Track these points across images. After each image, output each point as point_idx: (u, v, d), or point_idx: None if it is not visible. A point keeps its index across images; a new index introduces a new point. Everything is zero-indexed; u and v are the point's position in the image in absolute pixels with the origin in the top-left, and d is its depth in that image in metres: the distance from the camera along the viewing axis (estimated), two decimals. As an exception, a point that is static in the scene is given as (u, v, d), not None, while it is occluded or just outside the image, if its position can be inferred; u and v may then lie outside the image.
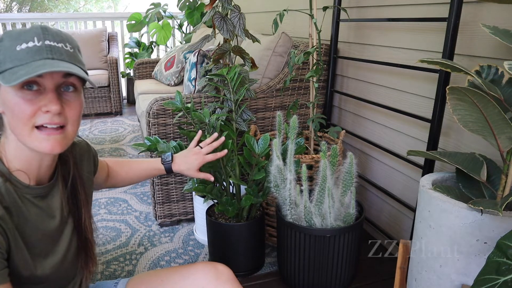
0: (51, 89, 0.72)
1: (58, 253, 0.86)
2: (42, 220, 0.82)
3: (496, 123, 0.90)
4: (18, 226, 0.77)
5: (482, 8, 1.24)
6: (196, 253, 1.76)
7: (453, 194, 1.04)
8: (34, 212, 0.80)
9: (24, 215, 0.78)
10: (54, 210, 0.85)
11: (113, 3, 12.75)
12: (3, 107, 0.74)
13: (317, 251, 1.38)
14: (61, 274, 0.88)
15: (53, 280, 0.86)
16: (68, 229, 0.89)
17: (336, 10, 1.87)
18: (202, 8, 3.85)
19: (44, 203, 0.83)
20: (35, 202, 0.81)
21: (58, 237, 0.86)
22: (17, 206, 0.77)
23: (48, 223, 0.83)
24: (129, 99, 4.78)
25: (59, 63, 0.72)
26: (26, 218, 0.78)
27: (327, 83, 2.04)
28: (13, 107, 0.71)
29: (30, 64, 0.69)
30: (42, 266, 0.82)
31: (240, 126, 1.63)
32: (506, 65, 0.81)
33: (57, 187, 0.86)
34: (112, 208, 2.17)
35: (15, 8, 11.67)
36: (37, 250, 0.81)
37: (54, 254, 0.85)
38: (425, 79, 1.49)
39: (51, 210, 0.84)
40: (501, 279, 0.75)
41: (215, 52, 1.60)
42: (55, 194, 0.86)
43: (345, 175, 1.36)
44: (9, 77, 0.68)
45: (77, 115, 0.77)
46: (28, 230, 0.79)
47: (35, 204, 0.81)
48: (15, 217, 0.76)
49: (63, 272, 0.89)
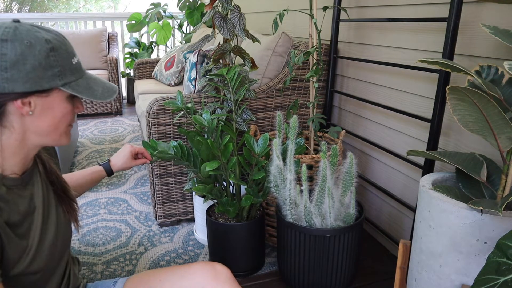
0: None
1: (50, 232, 0.88)
2: (29, 209, 0.84)
3: (496, 123, 0.90)
4: (8, 221, 0.78)
5: (482, 8, 1.24)
6: (196, 253, 1.76)
7: (453, 194, 1.04)
8: (21, 203, 0.82)
9: (13, 209, 0.80)
10: (36, 195, 0.87)
11: (113, 3, 12.75)
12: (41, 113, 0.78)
13: (317, 251, 1.38)
14: (54, 261, 0.90)
15: (47, 269, 0.87)
16: (52, 213, 0.90)
17: (336, 10, 1.87)
18: (202, 8, 3.85)
19: (27, 191, 0.85)
20: (20, 194, 0.83)
21: (46, 223, 0.88)
22: (5, 201, 0.78)
23: (34, 211, 0.85)
24: (129, 99, 4.78)
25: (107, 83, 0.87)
26: (15, 212, 0.80)
27: (327, 83, 2.04)
28: (65, 112, 0.81)
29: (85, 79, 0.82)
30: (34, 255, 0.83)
31: (240, 126, 1.63)
32: (506, 65, 0.81)
33: (36, 172, 0.89)
34: (112, 208, 2.17)
35: (15, 8, 11.67)
36: (27, 240, 0.82)
37: (44, 241, 0.86)
38: (425, 79, 1.49)
39: (34, 196, 0.86)
40: (501, 279, 0.74)
41: (215, 52, 1.60)
42: (35, 178, 0.88)
43: (345, 175, 1.36)
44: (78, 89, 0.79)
45: None
46: (18, 222, 0.80)
47: (21, 195, 0.83)
48: (5, 212, 0.77)
49: (57, 253, 0.91)
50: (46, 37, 0.75)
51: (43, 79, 0.74)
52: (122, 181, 2.53)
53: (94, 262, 1.69)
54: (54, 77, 0.76)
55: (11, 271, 0.78)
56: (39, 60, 0.74)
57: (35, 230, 0.84)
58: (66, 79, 0.78)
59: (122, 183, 2.49)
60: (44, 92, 0.76)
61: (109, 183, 2.50)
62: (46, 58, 0.74)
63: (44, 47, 0.74)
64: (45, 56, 0.74)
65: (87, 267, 1.66)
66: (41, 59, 0.74)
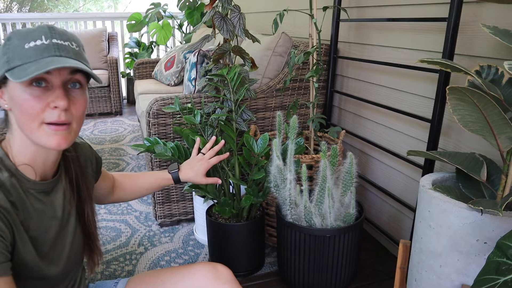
0: (58, 86, 0.74)
1: (62, 248, 0.87)
2: (46, 216, 0.83)
3: (496, 123, 0.90)
4: (23, 221, 0.77)
5: (482, 8, 1.24)
6: (196, 253, 1.76)
7: (453, 194, 1.04)
8: (38, 207, 0.81)
9: (29, 211, 0.79)
10: (57, 206, 0.86)
11: (113, 2, 12.75)
12: (11, 104, 0.76)
13: (317, 251, 1.38)
14: (66, 269, 0.89)
15: (58, 275, 0.87)
16: (71, 224, 0.90)
17: (336, 10, 1.87)
18: (202, 8, 3.85)
19: (48, 199, 0.84)
20: (39, 198, 0.81)
21: (62, 233, 0.87)
22: (22, 201, 0.78)
23: (51, 219, 0.84)
24: (129, 99, 4.78)
25: (67, 60, 0.74)
26: (30, 214, 0.79)
27: (327, 83, 2.04)
28: (22, 104, 0.73)
29: (39, 61, 0.71)
30: (47, 261, 0.82)
31: (240, 126, 1.63)
32: (506, 65, 0.81)
33: (60, 183, 0.87)
34: (112, 208, 2.17)
35: (15, 8, 11.67)
36: (41, 245, 0.81)
37: (58, 250, 0.86)
38: (425, 79, 1.49)
39: (54, 206, 0.85)
40: (501, 279, 0.74)
41: (215, 52, 1.60)
42: (58, 190, 0.87)
43: (345, 175, 1.36)
44: (19, 74, 0.70)
45: (81, 112, 0.79)
46: (32, 225, 0.79)
47: (39, 199, 0.82)
48: (20, 211, 0.77)
49: (69, 266, 0.90)
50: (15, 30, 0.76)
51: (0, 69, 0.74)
52: (122, 181, 2.53)
53: (94, 262, 1.69)
54: (3, 64, 0.73)
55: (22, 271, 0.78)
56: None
57: (49, 236, 0.83)
58: (11, 65, 0.72)
59: (122, 183, 2.49)
60: (3, 82, 0.75)
61: (109, 183, 2.50)
62: (3, 47, 0.74)
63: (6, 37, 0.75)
64: (3, 45, 0.74)
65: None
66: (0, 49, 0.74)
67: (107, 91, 4.11)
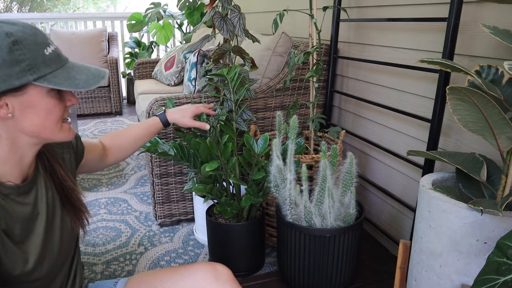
0: None
1: (52, 246, 0.86)
2: (31, 217, 0.81)
3: (496, 123, 0.90)
4: (6, 230, 0.76)
5: (482, 8, 1.24)
6: (196, 253, 1.76)
7: (453, 194, 1.04)
8: (20, 211, 0.79)
9: (12, 217, 0.77)
10: (40, 200, 0.84)
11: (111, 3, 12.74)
12: (23, 112, 0.73)
13: (317, 251, 1.38)
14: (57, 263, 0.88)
15: (50, 273, 0.86)
16: (57, 216, 0.88)
17: (336, 10, 1.87)
18: (202, 8, 3.85)
19: (30, 198, 0.82)
20: (20, 201, 0.80)
21: (50, 231, 0.86)
22: (3, 209, 0.76)
23: (36, 219, 0.83)
24: (129, 99, 4.78)
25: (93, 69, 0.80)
26: (14, 219, 0.78)
27: (327, 83, 2.04)
28: (51, 108, 0.76)
29: (64, 68, 0.75)
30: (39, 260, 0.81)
31: (240, 126, 1.63)
32: (506, 65, 0.81)
33: (40, 177, 0.86)
34: (112, 208, 2.17)
35: (15, 8, 11.67)
36: (30, 245, 0.80)
37: (48, 249, 0.85)
38: (425, 79, 1.49)
39: (37, 202, 0.83)
40: (501, 279, 0.75)
41: (215, 52, 1.60)
42: (39, 184, 0.85)
43: (345, 175, 1.36)
44: (60, 82, 0.73)
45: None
46: (17, 230, 0.78)
47: (21, 202, 0.80)
48: (2, 220, 0.75)
49: (60, 261, 0.89)
50: (8, 31, 0.68)
51: (11, 77, 0.68)
52: (122, 181, 2.53)
53: (94, 262, 1.69)
54: (24, 72, 0.69)
55: (10, 279, 0.76)
56: (2, 57, 0.67)
57: (37, 238, 0.82)
58: (40, 73, 0.71)
59: (122, 183, 2.49)
60: (17, 90, 0.70)
61: (109, 183, 2.50)
62: (10, 53, 0.68)
63: (5, 41, 0.68)
64: (8, 51, 0.68)
65: (87, 267, 1.66)
66: (4, 55, 0.68)
67: (107, 91, 4.11)
